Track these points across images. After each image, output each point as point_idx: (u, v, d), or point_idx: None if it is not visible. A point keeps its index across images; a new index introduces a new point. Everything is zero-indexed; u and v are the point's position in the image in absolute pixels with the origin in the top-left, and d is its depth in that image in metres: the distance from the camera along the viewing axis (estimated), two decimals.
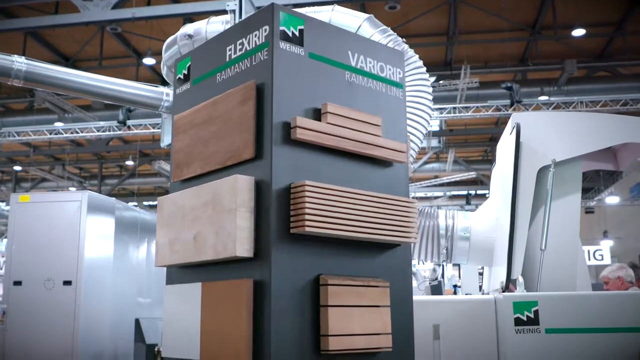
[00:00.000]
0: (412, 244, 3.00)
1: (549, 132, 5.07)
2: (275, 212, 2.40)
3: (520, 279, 4.29)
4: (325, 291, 2.40)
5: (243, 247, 2.40)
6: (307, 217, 2.36)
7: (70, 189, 23.09)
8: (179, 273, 2.87)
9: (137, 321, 8.41)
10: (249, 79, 2.59)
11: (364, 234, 2.53)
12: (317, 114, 2.61)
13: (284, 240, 2.40)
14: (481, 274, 8.04)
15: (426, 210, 5.47)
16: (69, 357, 7.16)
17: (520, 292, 4.21)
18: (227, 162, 2.62)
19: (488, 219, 5.35)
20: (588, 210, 24.22)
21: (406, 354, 2.64)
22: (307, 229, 2.36)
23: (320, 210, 2.40)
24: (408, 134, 3.01)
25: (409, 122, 3.30)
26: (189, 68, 3.03)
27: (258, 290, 2.37)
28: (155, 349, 7.57)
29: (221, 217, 2.47)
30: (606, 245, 21.56)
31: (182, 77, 3.06)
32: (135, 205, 12.41)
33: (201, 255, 2.57)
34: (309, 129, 2.51)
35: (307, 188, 2.39)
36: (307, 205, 2.37)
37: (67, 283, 7.45)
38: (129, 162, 22.69)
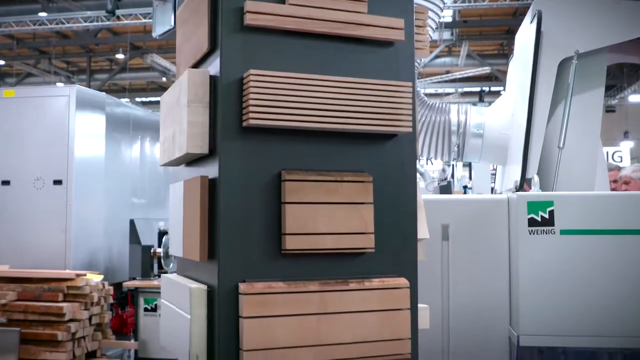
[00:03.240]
0: (418, 139, 2.90)
1: (573, 21, 4.94)
2: (226, 105, 2.36)
3: (536, 178, 4.28)
4: (284, 187, 2.38)
5: (195, 144, 2.40)
6: (251, 108, 2.30)
7: (57, 84, 22.93)
8: (179, 172, 2.92)
9: (131, 222, 8.52)
10: None
11: (335, 124, 2.42)
12: None
13: (236, 134, 2.36)
14: (494, 174, 8.05)
15: (437, 105, 5.40)
16: (62, 258, 7.30)
17: (535, 192, 4.20)
18: (197, 56, 2.61)
19: (503, 115, 5.29)
20: (609, 109, 24.08)
21: (406, 255, 2.58)
22: (252, 121, 2.30)
23: (271, 101, 2.32)
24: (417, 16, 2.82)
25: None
26: None
27: (214, 187, 2.38)
28: (152, 251, 7.70)
29: (180, 113, 2.49)
30: (626, 146, 21.55)
31: None
32: (128, 102, 12.33)
33: (175, 153, 2.60)
34: (262, 12, 2.39)
35: (251, 78, 2.32)
36: (252, 95, 2.30)
37: (58, 182, 7.49)
38: (119, 56, 22.43)
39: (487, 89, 25.61)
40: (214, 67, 2.47)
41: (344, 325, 2.38)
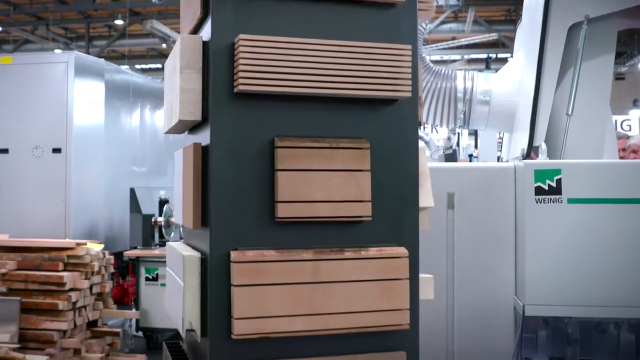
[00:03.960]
0: (422, 106, 2.85)
1: None
2: (217, 71, 2.34)
3: (543, 146, 4.26)
4: (277, 154, 2.36)
5: (188, 110, 2.41)
6: (241, 73, 2.28)
7: (55, 51, 22.83)
8: (183, 139, 2.92)
9: (132, 191, 8.54)
10: None
11: (330, 89, 2.39)
12: None
13: (228, 101, 2.34)
14: (500, 143, 8.03)
15: (443, 72, 5.36)
16: (62, 227, 7.33)
17: (542, 160, 4.19)
18: (194, 22, 2.60)
19: (511, 81, 5.25)
20: (618, 77, 23.91)
21: (407, 223, 2.54)
22: (241, 87, 2.28)
23: (262, 66, 2.30)
24: None
25: None
26: None
27: (206, 154, 2.38)
28: (153, 220, 7.72)
29: (175, 80, 2.49)
30: (635, 115, 21.43)
31: None
32: (127, 69, 12.29)
33: (173, 121, 2.61)
34: None
35: (241, 42, 2.29)
36: (241, 61, 2.28)
37: (57, 151, 7.50)
38: (119, 22, 22.27)
39: (494, 55, 25.41)
40: (206, 32, 2.44)
41: (339, 295, 2.37)
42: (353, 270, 2.40)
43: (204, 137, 2.47)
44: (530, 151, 4.56)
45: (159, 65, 26.17)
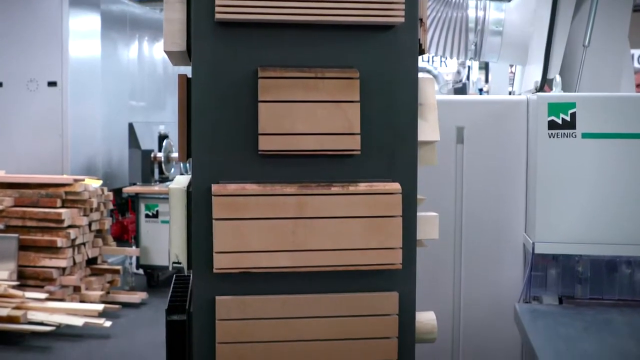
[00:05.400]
0: (426, 33, 2.74)
1: None
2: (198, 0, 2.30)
3: (558, 78, 4.18)
4: (259, 85, 2.30)
5: (172, 42, 2.38)
6: (218, 1, 2.21)
7: None
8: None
9: (130, 126, 8.52)
10: None
11: (313, 15, 2.30)
12: None
13: (209, 31, 2.29)
14: (512, 78, 7.94)
15: (453, 0, 5.26)
16: (59, 163, 7.33)
17: (556, 93, 4.13)
18: None
19: (525, 11, 5.13)
20: (637, 9, 23.52)
21: (403, 158, 2.44)
22: (219, 15, 2.22)
23: None
24: None
25: None
26: None
27: (190, 85, 2.37)
28: (152, 155, 7.72)
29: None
30: None
31: None
32: None
33: None
34: None
35: None
36: None
37: (52, 84, 7.47)
38: None
39: None
40: None
41: (325, 232, 2.33)
42: (340, 206, 2.35)
43: (190, 69, 2.45)
44: (544, 84, 4.49)
45: None
